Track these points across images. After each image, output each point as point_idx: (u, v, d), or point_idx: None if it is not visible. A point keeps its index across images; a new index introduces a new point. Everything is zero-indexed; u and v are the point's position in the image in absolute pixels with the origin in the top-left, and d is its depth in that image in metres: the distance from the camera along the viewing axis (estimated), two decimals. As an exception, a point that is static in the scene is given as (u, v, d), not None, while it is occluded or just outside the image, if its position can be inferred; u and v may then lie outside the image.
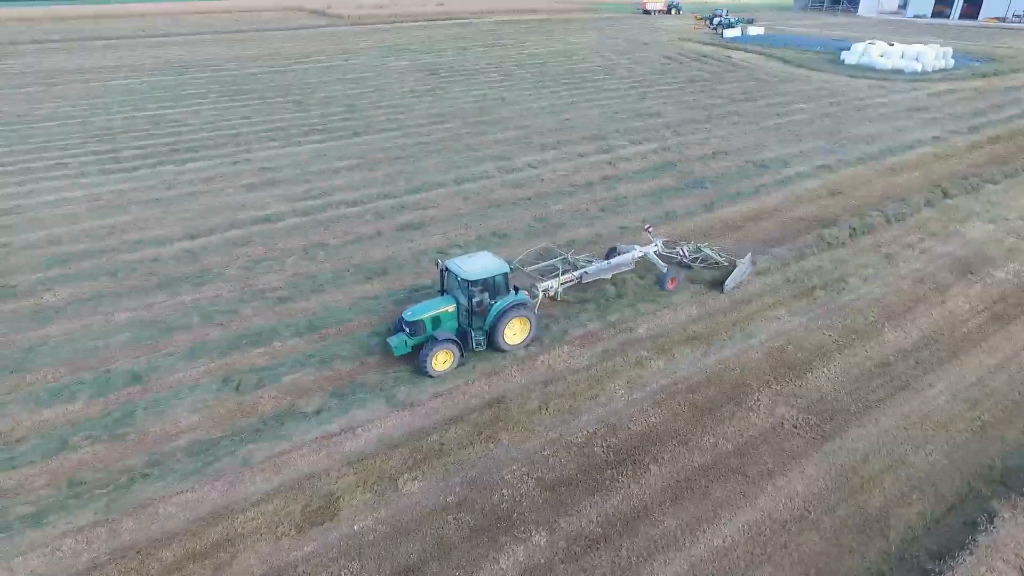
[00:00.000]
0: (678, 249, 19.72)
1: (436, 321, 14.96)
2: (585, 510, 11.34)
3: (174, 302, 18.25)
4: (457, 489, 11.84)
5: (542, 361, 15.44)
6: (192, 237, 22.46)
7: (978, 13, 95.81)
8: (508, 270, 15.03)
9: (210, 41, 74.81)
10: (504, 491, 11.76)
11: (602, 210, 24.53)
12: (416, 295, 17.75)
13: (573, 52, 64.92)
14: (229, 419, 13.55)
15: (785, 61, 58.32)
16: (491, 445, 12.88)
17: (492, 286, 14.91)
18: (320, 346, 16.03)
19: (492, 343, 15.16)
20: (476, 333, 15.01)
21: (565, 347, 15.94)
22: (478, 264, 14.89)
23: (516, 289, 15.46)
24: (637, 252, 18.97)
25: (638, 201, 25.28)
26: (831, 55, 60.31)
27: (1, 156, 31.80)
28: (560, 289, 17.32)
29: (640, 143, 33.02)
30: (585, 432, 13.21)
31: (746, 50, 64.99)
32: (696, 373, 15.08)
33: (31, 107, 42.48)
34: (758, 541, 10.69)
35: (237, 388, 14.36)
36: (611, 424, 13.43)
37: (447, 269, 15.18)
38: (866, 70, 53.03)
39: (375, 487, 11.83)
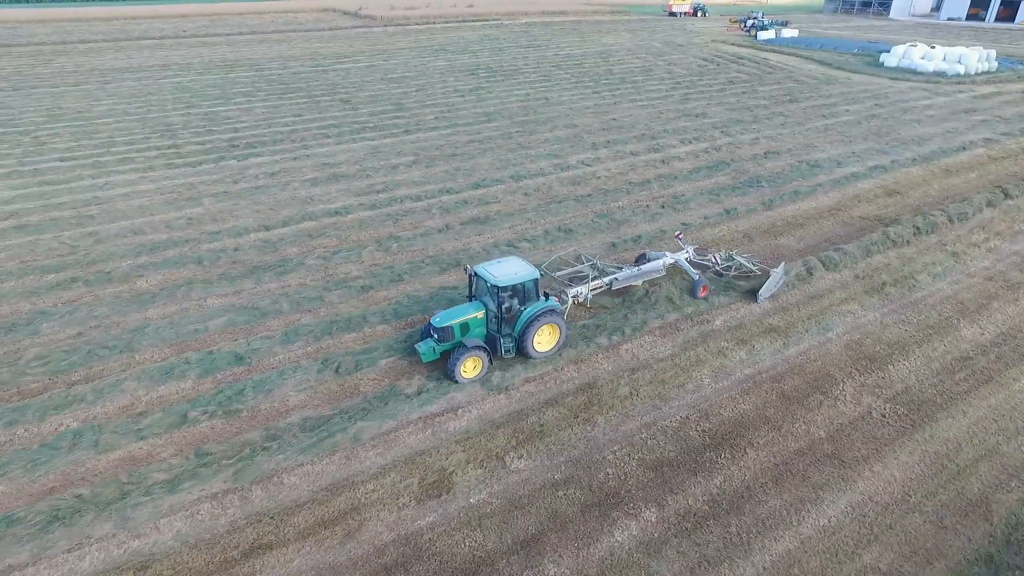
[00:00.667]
0: (710, 256, 19.32)
1: (465, 327, 14.68)
2: (690, 489, 11.78)
3: (261, 289, 18.99)
4: (563, 467, 12.34)
5: (626, 350, 15.90)
6: (267, 228, 23.24)
7: (1015, 16, 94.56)
8: (538, 276, 14.74)
9: (251, 41, 76.32)
10: (608, 470, 12.24)
11: (662, 207, 24.93)
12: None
13: (609, 53, 65.29)
14: (334, 399, 14.19)
15: (823, 63, 58.27)
16: (589, 427, 13.37)
17: (522, 292, 14.62)
18: (408, 332, 16.64)
19: (521, 349, 14.95)
20: (505, 340, 14.83)
21: (646, 337, 16.38)
22: (508, 269, 14.58)
23: (546, 295, 15.18)
24: (668, 259, 18.54)
25: (697, 199, 25.62)
26: (870, 57, 60.15)
27: (72, 150, 32.93)
28: (590, 295, 17.20)
29: (690, 143, 33.34)
30: (678, 417, 13.65)
31: (782, 52, 64.97)
32: (778, 364, 15.44)
33: (90, 104, 43.84)
34: (863, 522, 11.05)
35: (337, 370, 14.99)
36: (702, 410, 13.86)
37: (476, 274, 14.82)
38: (907, 72, 52.81)
39: (484, 464, 12.37)
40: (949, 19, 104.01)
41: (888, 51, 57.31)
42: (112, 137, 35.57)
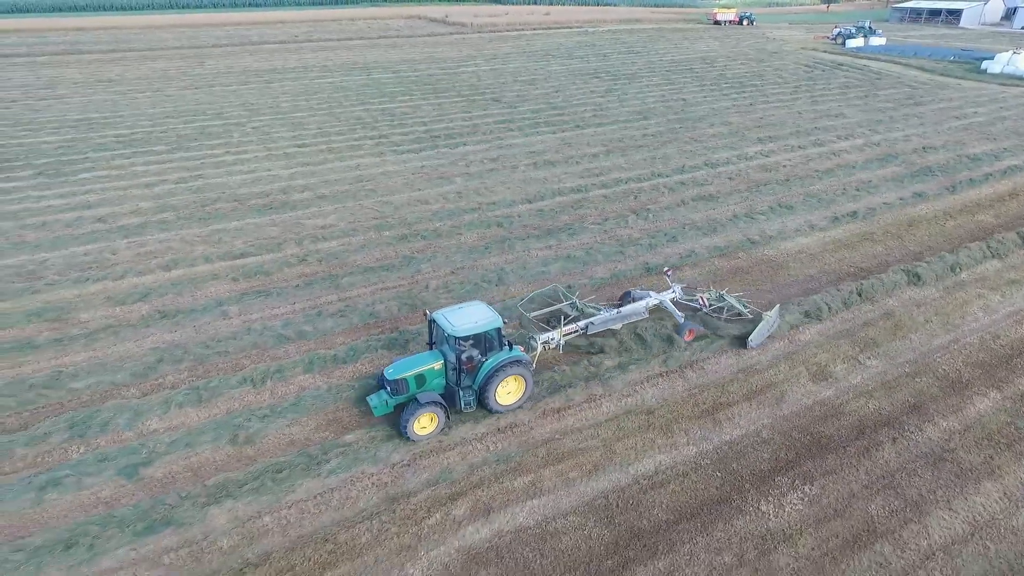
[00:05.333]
0: (698, 296, 18.32)
1: (420, 379, 13.67)
2: (1016, 380, 15.69)
3: (566, 246, 23.35)
4: (905, 365, 16.37)
5: (900, 291, 19.85)
6: (529, 202, 27.66)
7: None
8: (501, 324, 13.80)
9: (363, 46, 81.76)
10: (943, 368, 16.24)
11: (857, 190, 28.79)
12: (746, 245, 22.25)
13: (711, 59, 69.02)
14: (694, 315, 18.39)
15: (924, 70, 61.26)
16: (906, 341, 17.39)
17: (483, 342, 13.67)
18: (711, 273, 20.80)
19: (483, 403, 14.01)
20: (464, 392, 13.87)
21: (909, 285, 20.30)
22: (468, 317, 13.58)
23: (510, 345, 14.15)
24: (652, 300, 17.59)
25: (885, 184, 29.43)
26: (969, 64, 63.01)
27: (297, 139, 37.91)
28: (562, 341, 15.99)
29: (846, 139, 37.09)
30: (975, 336, 17.60)
31: (879, 59, 68.01)
32: (1033, 305, 19.26)
33: (273, 100, 49.10)
34: None
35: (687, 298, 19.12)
36: (992, 332, 17.79)
37: (434, 321, 13.94)
38: (1014, 78, 55.68)
39: (845, 360, 16.51)
40: (1023, 28, 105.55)
41: (991, 58, 60.13)
42: (321, 128, 40.51)
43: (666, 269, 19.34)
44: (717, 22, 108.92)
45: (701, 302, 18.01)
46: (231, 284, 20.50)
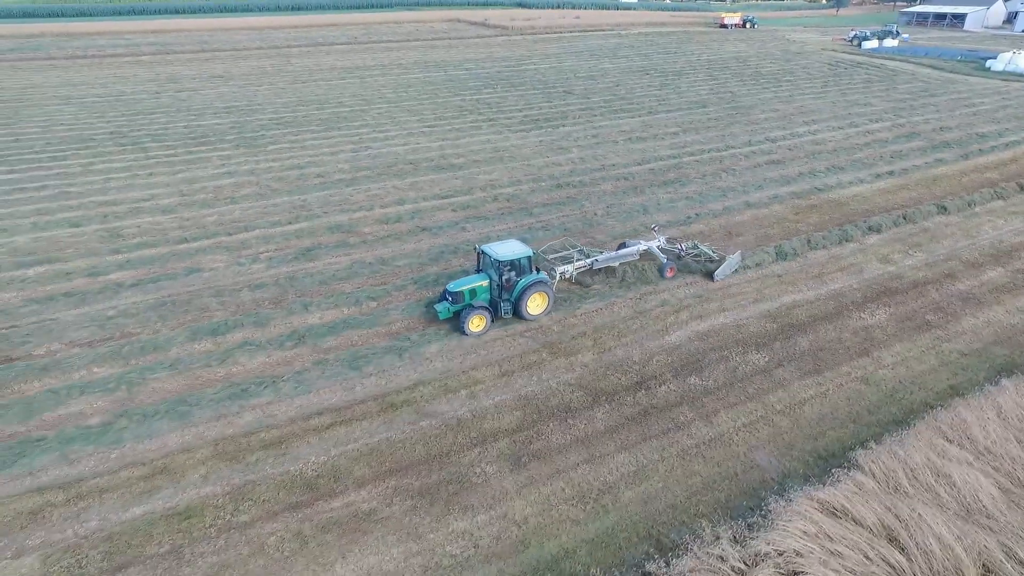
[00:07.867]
0: (678, 245, 23.16)
1: (473, 293, 18.66)
2: (1015, 263, 23.88)
3: (681, 192, 31.51)
4: (941, 260, 24.51)
5: (931, 218, 28.05)
6: (639, 164, 35.86)
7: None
8: (532, 254, 18.73)
9: (425, 46, 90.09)
10: (964, 257, 24.39)
11: (891, 157, 37.01)
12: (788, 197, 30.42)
13: (743, 59, 77.25)
14: (801, 225, 26.58)
15: (935, 68, 69.46)
16: (940, 246, 25.52)
17: (518, 266, 18.54)
18: (794, 208, 29.02)
19: (516, 312, 19.02)
20: (504, 304, 18.68)
21: (936, 214, 28.49)
22: (508, 249, 18.69)
23: (538, 270, 19.05)
24: (642, 246, 22.24)
25: (912, 153, 37.65)
26: (974, 63, 71.23)
27: (423, 122, 46.01)
28: (575, 273, 21.19)
29: (876, 122, 45.30)
30: (988, 241, 25.74)
31: (895, 59, 76.24)
32: (1025, 227, 27.48)
33: (378, 92, 57.29)
34: (1109, 272, 23.06)
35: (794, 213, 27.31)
36: (999, 239, 25.88)
37: (483, 252, 19.03)
38: (1015, 75, 63.87)
39: (900, 252, 24.68)
40: (1023, 31, 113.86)
41: (994, 58, 68.38)
42: (436, 113, 48.69)
43: (653, 226, 24.82)
44: (724, 25, 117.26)
45: (680, 248, 22.97)
46: (452, 213, 28.73)
